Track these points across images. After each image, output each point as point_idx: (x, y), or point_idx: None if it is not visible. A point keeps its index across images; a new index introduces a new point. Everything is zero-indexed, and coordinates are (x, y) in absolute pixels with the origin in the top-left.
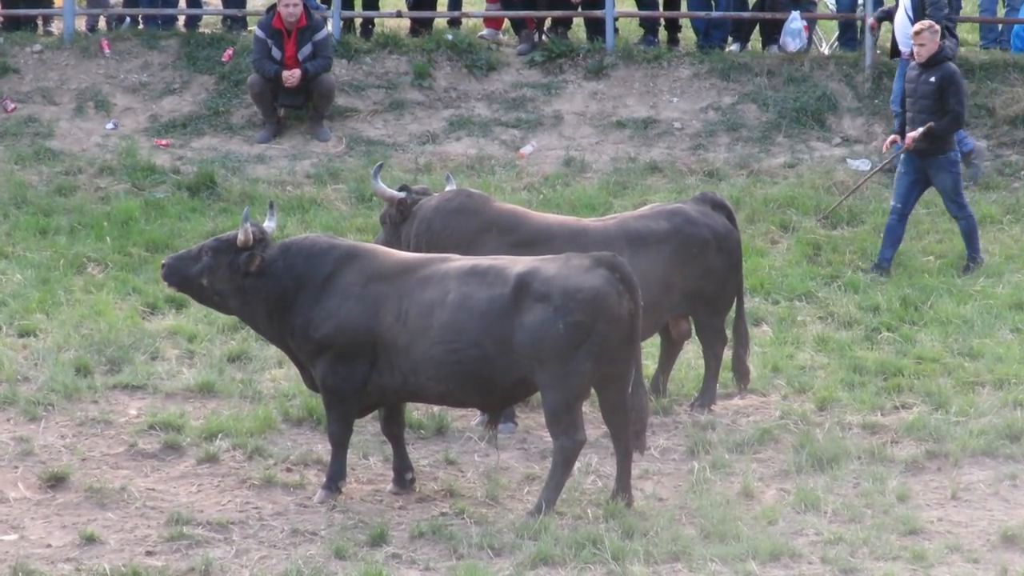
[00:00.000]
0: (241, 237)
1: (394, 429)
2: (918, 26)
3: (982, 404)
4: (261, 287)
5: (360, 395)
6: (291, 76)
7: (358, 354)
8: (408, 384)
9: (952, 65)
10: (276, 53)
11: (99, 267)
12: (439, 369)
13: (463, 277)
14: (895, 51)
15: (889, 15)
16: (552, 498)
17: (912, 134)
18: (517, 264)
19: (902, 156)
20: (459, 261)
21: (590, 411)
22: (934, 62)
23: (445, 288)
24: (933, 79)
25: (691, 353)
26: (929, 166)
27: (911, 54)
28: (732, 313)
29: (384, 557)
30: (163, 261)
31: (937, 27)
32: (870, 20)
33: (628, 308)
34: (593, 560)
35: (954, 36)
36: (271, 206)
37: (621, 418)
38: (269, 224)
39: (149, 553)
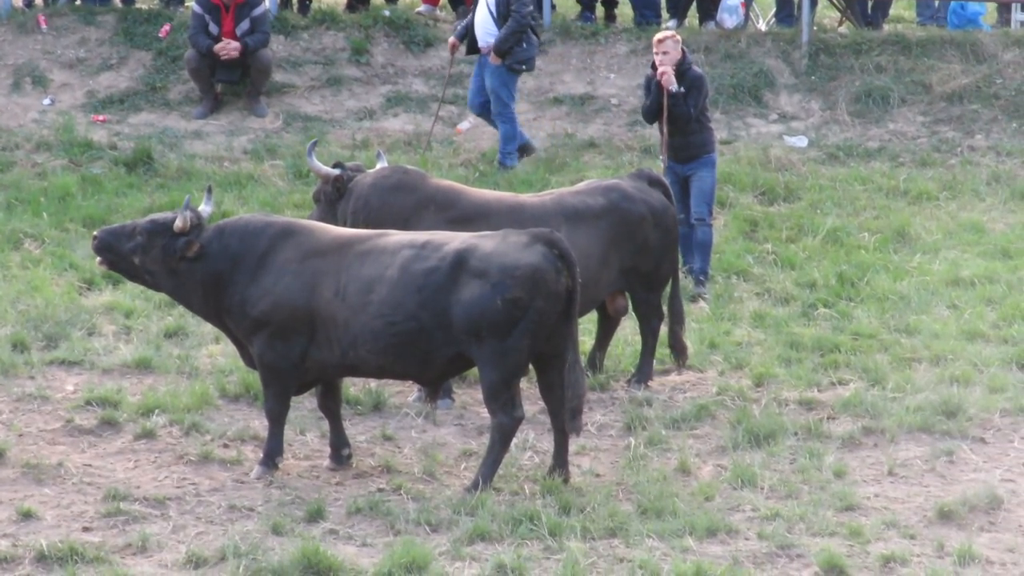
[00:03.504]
0: (179, 224)
1: (331, 405)
2: (661, 35)
3: (918, 380)
4: (196, 270)
5: (297, 371)
6: (225, 47)
7: (296, 330)
8: (347, 358)
9: (699, 70)
10: (213, 28)
11: (36, 243)
12: (378, 343)
13: (401, 252)
14: (472, 48)
15: (468, 31)
16: (489, 474)
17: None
18: (455, 240)
19: (664, 166)
20: (397, 236)
21: (527, 387)
22: (679, 71)
23: (384, 263)
24: (683, 88)
25: (628, 329)
26: (692, 169)
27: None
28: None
29: (321, 533)
30: (95, 233)
31: (679, 37)
32: (451, 39)
33: (566, 285)
34: (530, 536)
35: (535, 35)
36: (209, 190)
37: (559, 395)
38: (205, 208)
39: (86, 529)
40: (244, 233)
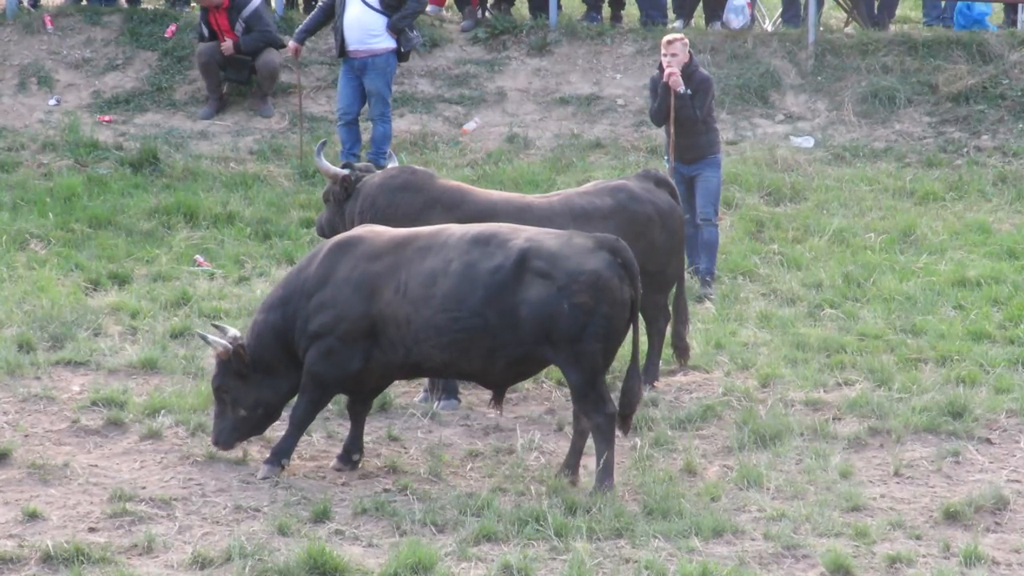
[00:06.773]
0: (220, 351)
1: (359, 408)
2: (670, 37)
3: (924, 381)
4: (265, 358)
5: (343, 385)
6: (227, 47)
7: (357, 340)
8: (411, 356)
9: (706, 72)
10: (204, 31)
11: (42, 243)
12: (441, 338)
13: (465, 246)
14: (342, 51)
15: (310, 31)
16: (607, 476)
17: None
18: (519, 236)
19: (670, 167)
20: (461, 229)
21: (532, 387)
22: (686, 73)
23: (447, 257)
24: (690, 90)
25: None
26: (698, 169)
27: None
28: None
29: (327, 533)
30: (212, 443)
31: (687, 39)
32: (292, 44)
33: (629, 294)
34: (536, 536)
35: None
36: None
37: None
38: (227, 331)
39: (92, 529)
40: (269, 307)
